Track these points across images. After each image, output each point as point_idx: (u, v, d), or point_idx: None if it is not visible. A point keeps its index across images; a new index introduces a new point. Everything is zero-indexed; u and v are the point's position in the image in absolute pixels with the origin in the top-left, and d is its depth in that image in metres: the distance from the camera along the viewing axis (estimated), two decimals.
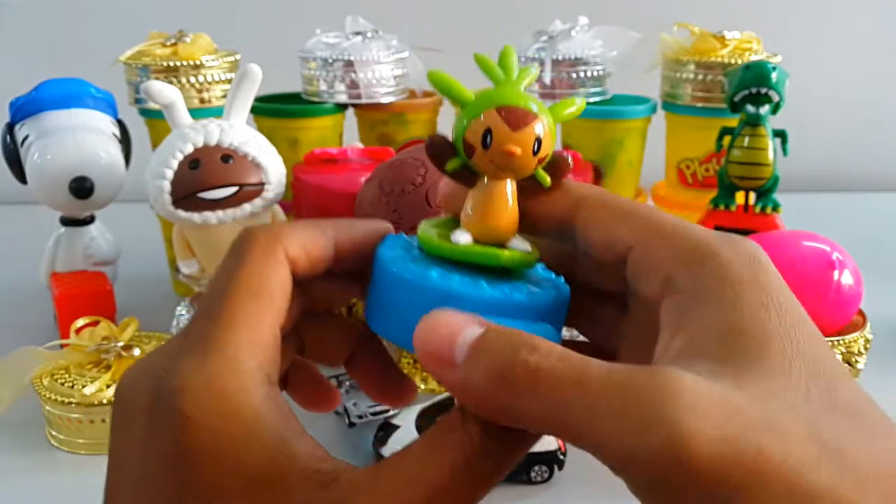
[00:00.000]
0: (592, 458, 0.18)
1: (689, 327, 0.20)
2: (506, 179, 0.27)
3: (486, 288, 0.25)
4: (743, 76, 0.57)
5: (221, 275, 0.23)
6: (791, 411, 0.18)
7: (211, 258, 0.57)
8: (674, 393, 0.17)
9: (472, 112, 0.26)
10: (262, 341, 0.22)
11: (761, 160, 0.56)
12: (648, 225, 0.23)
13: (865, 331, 0.49)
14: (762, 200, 0.57)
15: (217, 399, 0.20)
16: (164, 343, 0.23)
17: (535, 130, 0.26)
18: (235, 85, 0.55)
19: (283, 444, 0.20)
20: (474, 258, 0.26)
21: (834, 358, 0.21)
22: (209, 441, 0.20)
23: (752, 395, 0.18)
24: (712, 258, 0.21)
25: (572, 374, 0.18)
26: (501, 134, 0.26)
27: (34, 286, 0.68)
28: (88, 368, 0.51)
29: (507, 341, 0.19)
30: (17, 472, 0.49)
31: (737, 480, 0.17)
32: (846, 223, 0.96)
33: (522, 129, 0.26)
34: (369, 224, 0.27)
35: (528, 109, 0.26)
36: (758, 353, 0.19)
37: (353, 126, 0.76)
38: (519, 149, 0.26)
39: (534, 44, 0.71)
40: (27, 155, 0.61)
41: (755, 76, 0.56)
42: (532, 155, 0.26)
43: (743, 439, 0.17)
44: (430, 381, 0.58)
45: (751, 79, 0.56)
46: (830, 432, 0.18)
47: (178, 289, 0.75)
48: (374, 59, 0.69)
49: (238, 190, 0.53)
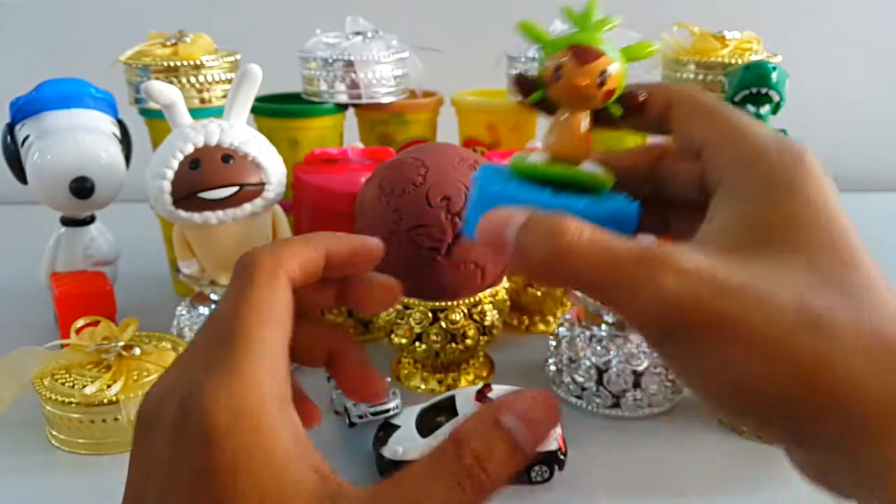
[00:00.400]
0: (592, 458, 0.19)
1: (719, 217, 0.24)
2: (578, 110, 0.31)
3: (546, 195, 0.30)
4: (743, 76, 0.56)
5: (232, 300, 0.25)
6: (780, 283, 0.22)
7: (211, 258, 0.57)
8: (663, 265, 0.22)
9: (549, 51, 0.32)
10: (277, 364, 0.24)
11: None
12: (720, 124, 0.26)
13: None
14: None
15: (240, 418, 0.22)
16: (180, 362, 0.25)
17: (600, 66, 0.30)
18: (235, 85, 0.55)
19: (296, 460, 0.22)
20: (542, 173, 0.31)
21: (861, 249, 0.23)
22: (232, 456, 0.21)
23: (748, 270, 0.22)
24: (759, 159, 0.24)
25: (599, 249, 0.23)
26: (568, 68, 0.31)
27: (34, 286, 0.68)
28: (89, 368, 0.51)
29: (547, 222, 0.24)
30: (17, 472, 0.49)
31: (700, 326, 0.21)
32: None
33: (587, 65, 0.31)
34: (358, 239, 0.29)
35: (593, 48, 0.31)
36: (771, 238, 0.23)
37: (353, 126, 0.76)
38: (584, 81, 0.31)
39: (534, 44, 0.71)
40: (27, 155, 0.61)
41: (755, 76, 0.56)
42: (597, 87, 0.31)
43: (711, 299, 0.21)
44: (431, 381, 0.58)
45: (751, 79, 0.56)
46: (821, 301, 0.21)
47: (178, 289, 0.75)
48: (374, 59, 0.69)
49: (238, 190, 0.53)
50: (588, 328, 0.55)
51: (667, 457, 0.50)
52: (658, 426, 0.53)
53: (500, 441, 0.22)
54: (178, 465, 0.22)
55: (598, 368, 0.54)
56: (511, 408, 0.23)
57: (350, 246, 0.29)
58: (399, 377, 0.60)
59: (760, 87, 0.56)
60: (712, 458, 0.50)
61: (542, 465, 0.46)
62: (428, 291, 0.54)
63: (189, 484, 0.21)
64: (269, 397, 0.23)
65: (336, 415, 0.52)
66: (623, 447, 0.51)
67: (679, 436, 0.52)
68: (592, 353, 0.54)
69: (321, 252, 0.28)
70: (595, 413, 0.54)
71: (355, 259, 0.29)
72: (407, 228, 0.51)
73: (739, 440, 0.52)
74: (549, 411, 0.23)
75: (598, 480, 0.47)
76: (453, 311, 0.54)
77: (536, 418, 0.23)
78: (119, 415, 0.49)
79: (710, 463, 0.49)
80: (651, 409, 0.54)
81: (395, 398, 0.50)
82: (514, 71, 0.72)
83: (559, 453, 0.46)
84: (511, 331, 0.68)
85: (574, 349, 0.55)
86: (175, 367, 0.25)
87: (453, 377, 0.58)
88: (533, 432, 0.23)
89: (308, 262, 0.27)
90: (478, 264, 0.53)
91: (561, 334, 0.57)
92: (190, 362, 0.24)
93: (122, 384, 0.49)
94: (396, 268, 0.52)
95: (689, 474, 0.48)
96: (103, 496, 0.46)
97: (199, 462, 0.21)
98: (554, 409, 0.24)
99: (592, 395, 0.54)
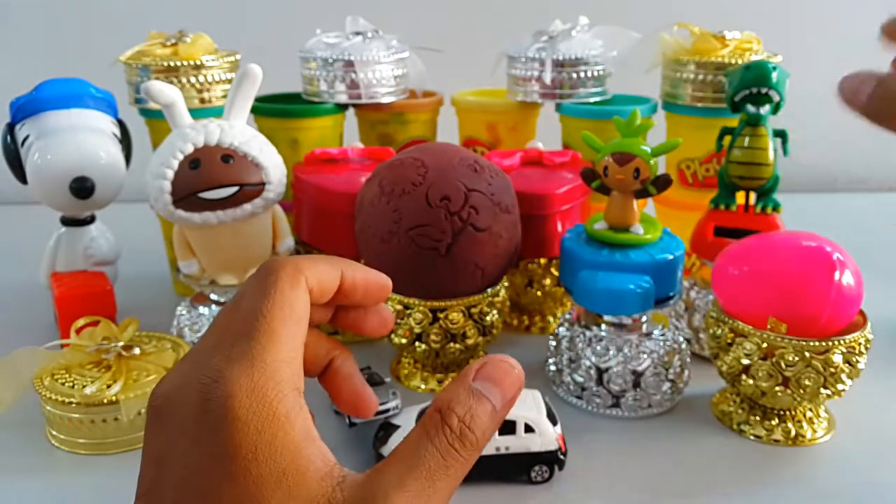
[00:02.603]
0: (592, 458, 0.19)
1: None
2: (623, 193, 0.53)
3: (603, 252, 0.53)
4: (743, 76, 0.56)
5: (254, 297, 0.27)
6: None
7: (211, 258, 0.57)
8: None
9: (601, 155, 0.52)
10: (293, 357, 0.26)
11: (761, 160, 0.56)
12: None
13: (866, 331, 0.49)
14: (762, 200, 0.57)
15: (261, 404, 0.24)
16: (192, 355, 0.26)
17: (634, 165, 0.51)
18: (235, 85, 0.55)
19: (306, 445, 0.24)
20: (603, 237, 0.54)
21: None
22: (254, 439, 0.23)
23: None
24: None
25: None
26: (612, 168, 0.52)
27: (34, 286, 0.68)
28: (89, 368, 0.51)
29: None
30: (17, 472, 0.49)
31: None
32: (846, 223, 0.96)
33: (625, 166, 0.51)
34: (373, 273, 0.31)
35: (630, 153, 0.51)
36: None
37: (353, 126, 0.76)
38: (623, 177, 0.51)
39: (534, 44, 0.71)
40: (27, 155, 0.61)
41: (755, 76, 0.56)
42: (634, 179, 0.51)
43: None
44: (431, 382, 0.58)
45: (751, 79, 0.56)
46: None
47: (178, 289, 0.75)
48: (374, 59, 0.69)
49: (238, 190, 0.53)
50: (588, 328, 0.55)
51: (667, 457, 0.50)
52: (658, 426, 0.53)
53: (478, 404, 0.26)
54: (199, 449, 0.23)
55: (598, 368, 0.54)
56: (479, 374, 0.27)
57: (365, 277, 0.31)
58: (399, 377, 0.60)
59: (760, 87, 0.56)
60: (712, 458, 0.50)
61: (542, 465, 0.46)
62: (428, 291, 0.54)
63: (211, 466, 0.23)
64: (285, 384, 0.24)
65: (336, 414, 0.52)
66: (623, 447, 0.51)
67: (679, 436, 0.52)
68: (592, 353, 0.54)
69: (338, 273, 0.29)
70: (595, 413, 0.54)
71: (367, 291, 0.31)
72: (407, 228, 0.51)
73: (739, 440, 0.52)
74: (510, 371, 0.27)
75: (598, 480, 0.47)
76: (453, 311, 0.54)
77: (502, 379, 0.26)
78: (119, 415, 0.49)
79: (710, 463, 0.49)
80: (651, 409, 0.54)
81: (395, 398, 0.50)
82: (514, 72, 0.72)
83: (559, 453, 0.46)
84: (511, 331, 0.68)
85: (574, 349, 0.55)
86: (187, 360, 0.26)
87: (453, 377, 0.58)
88: (503, 393, 0.26)
89: (325, 278, 0.29)
90: (478, 264, 0.53)
91: (561, 334, 0.57)
92: (206, 353, 0.25)
93: (122, 384, 0.49)
94: (396, 268, 0.52)
95: (689, 474, 0.48)
96: (103, 496, 0.46)
97: (221, 446, 0.23)
98: (515, 370, 0.27)
99: (592, 395, 0.54)
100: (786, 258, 0.49)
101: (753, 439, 0.51)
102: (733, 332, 0.50)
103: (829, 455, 0.50)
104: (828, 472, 0.48)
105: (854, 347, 0.48)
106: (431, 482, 0.24)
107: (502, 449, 0.46)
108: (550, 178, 0.64)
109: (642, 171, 0.51)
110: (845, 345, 0.47)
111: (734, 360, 0.50)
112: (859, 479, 0.48)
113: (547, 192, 0.61)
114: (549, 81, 0.70)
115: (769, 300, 0.48)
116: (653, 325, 0.55)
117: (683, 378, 0.55)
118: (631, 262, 0.52)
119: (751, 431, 0.52)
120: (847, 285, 0.47)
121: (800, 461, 0.49)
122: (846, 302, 0.48)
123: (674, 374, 0.54)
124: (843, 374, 0.48)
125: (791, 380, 0.48)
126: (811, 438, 0.51)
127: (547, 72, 0.70)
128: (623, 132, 0.52)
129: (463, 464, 0.25)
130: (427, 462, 0.24)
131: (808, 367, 0.48)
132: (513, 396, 0.27)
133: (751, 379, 0.49)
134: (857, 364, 0.48)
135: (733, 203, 0.58)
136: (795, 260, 0.48)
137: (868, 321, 0.50)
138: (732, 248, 0.52)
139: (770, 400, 0.50)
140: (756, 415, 0.52)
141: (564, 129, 0.74)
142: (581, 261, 0.54)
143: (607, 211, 0.54)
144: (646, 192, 0.52)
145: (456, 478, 0.25)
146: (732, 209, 0.58)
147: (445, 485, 0.25)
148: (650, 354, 0.53)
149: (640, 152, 0.51)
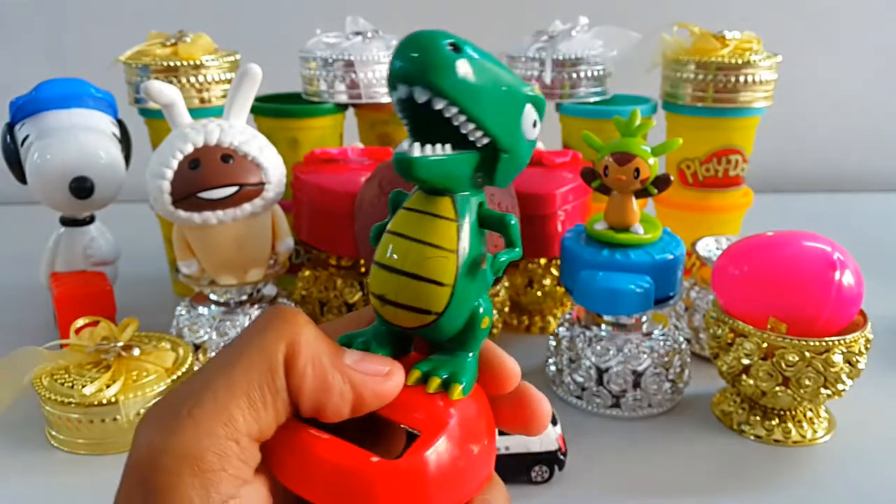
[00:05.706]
0: (592, 458, 0.19)
1: None
2: (623, 193, 0.53)
3: (604, 252, 0.53)
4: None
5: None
6: None
7: (211, 258, 0.57)
8: None
9: (601, 155, 0.52)
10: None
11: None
12: None
13: (866, 331, 0.49)
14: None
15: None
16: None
17: (634, 165, 0.51)
18: (235, 85, 0.55)
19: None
20: (603, 237, 0.54)
21: None
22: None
23: None
24: None
25: None
26: (612, 168, 0.52)
27: (34, 286, 0.68)
28: (88, 368, 0.51)
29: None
30: (17, 472, 0.49)
31: None
32: (846, 223, 0.96)
33: (624, 166, 0.51)
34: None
35: (630, 153, 0.51)
36: None
37: (353, 126, 0.76)
38: (622, 176, 0.51)
39: (534, 44, 0.71)
40: (27, 155, 0.61)
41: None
42: (634, 179, 0.51)
43: None
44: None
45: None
46: None
47: (177, 289, 0.75)
48: (374, 59, 0.69)
49: (238, 190, 0.53)
50: (588, 328, 0.55)
51: (667, 457, 0.50)
52: (658, 426, 0.53)
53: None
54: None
55: (599, 368, 0.54)
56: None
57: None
58: None
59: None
60: (712, 458, 0.50)
61: (542, 465, 0.46)
62: None
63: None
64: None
65: None
66: (623, 447, 0.51)
67: (679, 436, 0.52)
68: (592, 353, 0.54)
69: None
70: (595, 413, 0.54)
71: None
72: None
73: (740, 440, 0.52)
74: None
75: (598, 480, 0.47)
76: None
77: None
78: (118, 415, 0.49)
79: (710, 463, 0.49)
80: (651, 409, 0.54)
81: None
82: (514, 71, 0.72)
83: (559, 453, 0.46)
84: (511, 331, 0.68)
85: (574, 349, 0.55)
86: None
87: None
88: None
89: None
90: None
91: (561, 334, 0.57)
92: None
93: (121, 384, 0.49)
94: None
95: (689, 474, 0.48)
96: (103, 496, 0.46)
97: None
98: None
99: (592, 395, 0.54)
100: (786, 258, 0.49)
101: (754, 439, 0.51)
102: (733, 332, 0.50)
103: (829, 455, 0.50)
104: (828, 472, 0.48)
105: (854, 347, 0.48)
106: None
107: (502, 449, 0.46)
108: (550, 178, 0.64)
109: (642, 171, 0.51)
110: (845, 345, 0.47)
111: (734, 360, 0.50)
112: (859, 479, 0.48)
113: (547, 192, 0.61)
114: (549, 81, 0.70)
115: (769, 300, 0.48)
116: (653, 325, 0.55)
117: (683, 378, 0.55)
118: (631, 262, 0.52)
119: (751, 431, 0.52)
120: (847, 285, 0.47)
121: (800, 461, 0.49)
122: (846, 302, 0.48)
123: (674, 374, 0.54)
124: (843, 374, 0.48)
125: (791, 380, 0.48)
126: (811, 438, 0.51)
127: (547, 72, 0.70)
128: (623, 132, 0.52)
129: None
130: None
131: (809, 367, 0.47)
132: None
133: (751, 379, 0.49)
134: (857, 364, 0.48)
135: None
136: (795, 260, 0.48)
137: (868, 321, 0.50)
138: (733, 248, 0.52)
139: (770, 400, 0.50)
140: (756, 415, 0.52)
141: (564, 128, 0.74)
142: (581, 261, 0.54)
143: (607, 211, 0.54)
144: (646, 192, 0.52)
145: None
146: None
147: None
148: (650, 354, 0.53)
149: (640, 152, 0.51)
